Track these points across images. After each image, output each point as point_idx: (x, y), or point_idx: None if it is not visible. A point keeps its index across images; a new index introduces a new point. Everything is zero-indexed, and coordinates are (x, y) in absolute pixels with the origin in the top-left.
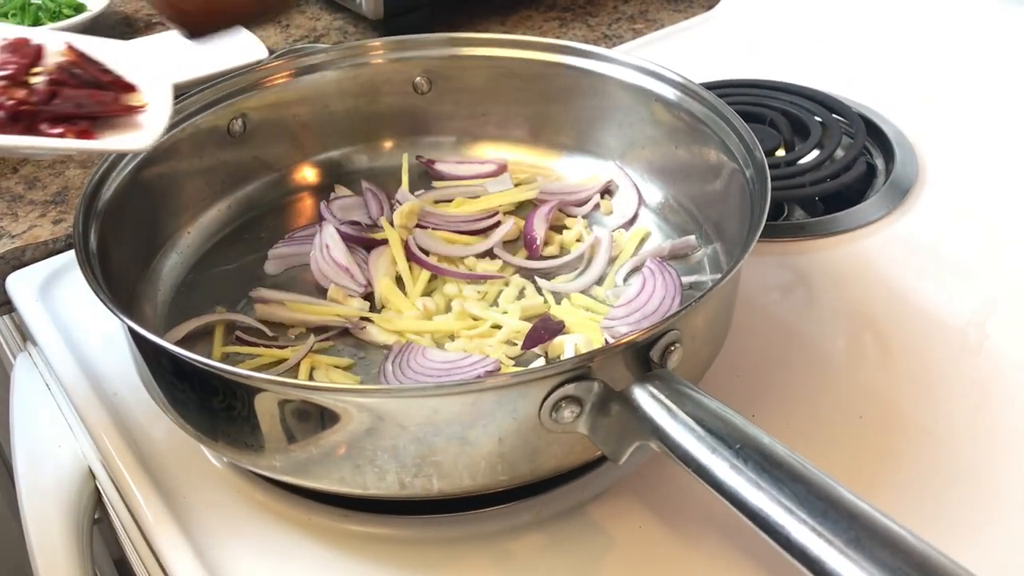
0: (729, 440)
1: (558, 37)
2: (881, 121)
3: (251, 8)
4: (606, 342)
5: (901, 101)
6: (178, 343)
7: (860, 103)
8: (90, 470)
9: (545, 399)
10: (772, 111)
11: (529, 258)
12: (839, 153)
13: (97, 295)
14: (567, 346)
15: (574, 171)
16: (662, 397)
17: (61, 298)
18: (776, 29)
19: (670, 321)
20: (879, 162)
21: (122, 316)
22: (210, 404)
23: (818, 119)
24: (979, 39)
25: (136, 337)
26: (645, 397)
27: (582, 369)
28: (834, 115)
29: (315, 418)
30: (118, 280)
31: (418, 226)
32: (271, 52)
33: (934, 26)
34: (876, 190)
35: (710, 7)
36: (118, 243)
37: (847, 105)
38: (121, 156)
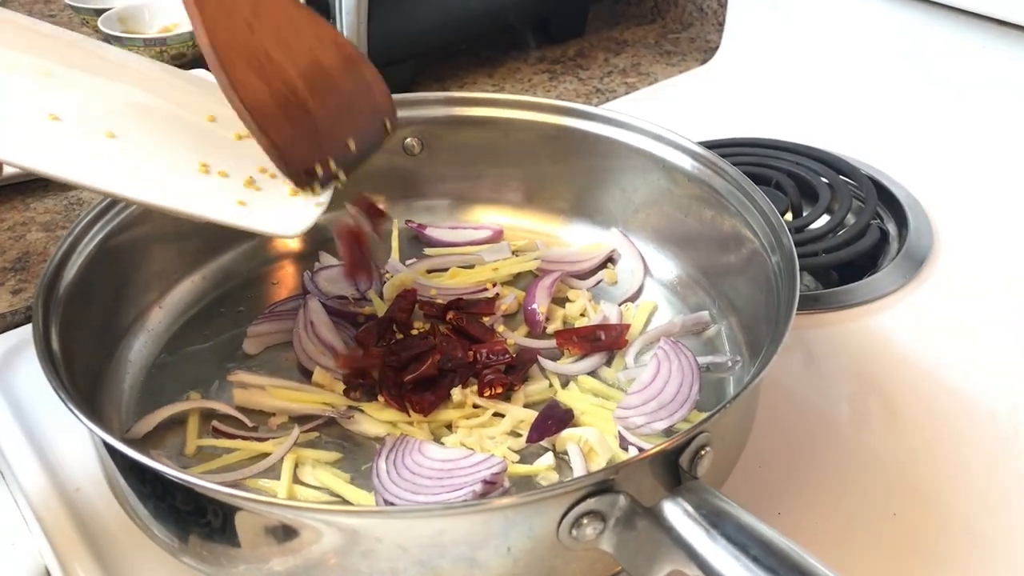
0: (780, 571)
1: (548, 91)
2: (891, 183)
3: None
4: (620, 436)
5: (910, 162)
6: (149, 433)
7: (867, 164)
8: (48, 572)
9: (565, 515)
10: (777, 172)
11: (531, 335)
12: (850, 219)
13: (59, 396)
14: (577, 441)
15: (574, 237)
16: (698, 516)
17: (19, 378)
18: (774, 84)
19: (701, 425)
20: (891, 227)
21: (93, 426)
22: (184, 517)
23: (825, 181)
24: (990, 97)
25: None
26: (678, 515)
27: (606, 482)
28: (842, 177)
29: (302, 537)
30: (82, 365)
31: None
32: None
33: (940, 82)
34: (890, 258)
35: (704, 61)
36: (82, 326)
37: (855, 166)
38: (87, 229)
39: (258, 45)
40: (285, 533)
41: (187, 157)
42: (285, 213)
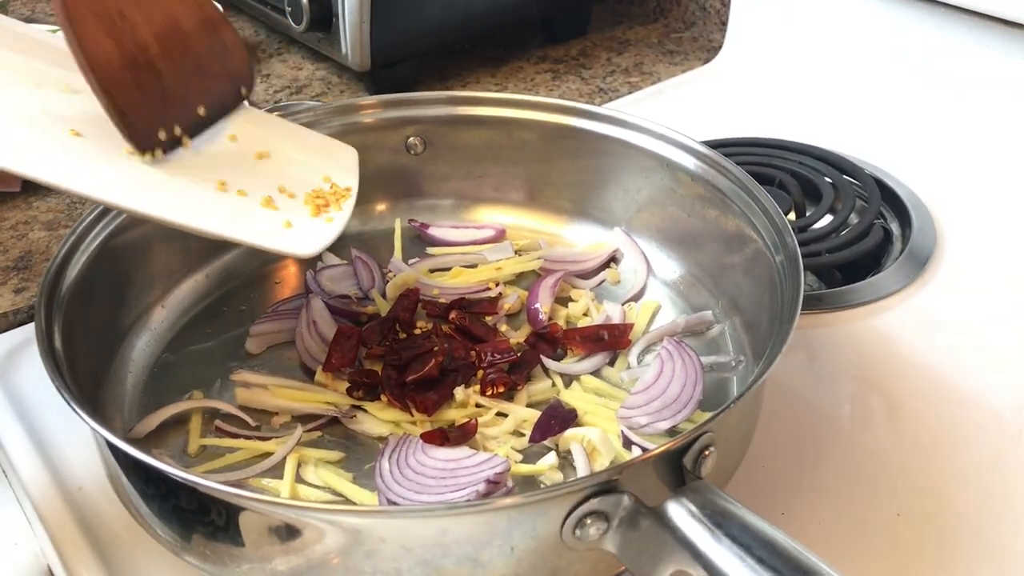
0: (784, 572)
1: (551, 90)
2: (894, 183)
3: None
4: (624, 436)
5: (914, 162)
6: (151, 432)
7: (870, 163)
8: (50, 571)
9: (568, 515)
10: (780, 172)
11: None
12: (853, 218)
13: (62, 395)
14: (580, 441)
15: (577, 237)
16: (702, 516)
17: (22, 377)
18: (777, 84)
19: (705, 425)
20: (894, 227)
21: (96, 425)
22: (187, 517)
23: (829, 181)
24: (993, 96)
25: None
26: (682, 515)
27: (610, 482)
28: (845, 176)
29: (305, 537)
30: (84, 365)
31: None
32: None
33: (943, 82)
34: (893, 258)
35: (707, 60)
36: (85, 326)
37: (858, 166)
38: (90, 228)
39: (112, 2)
40: (288, 533)
41: (206, 176)
42: (303, 232)
